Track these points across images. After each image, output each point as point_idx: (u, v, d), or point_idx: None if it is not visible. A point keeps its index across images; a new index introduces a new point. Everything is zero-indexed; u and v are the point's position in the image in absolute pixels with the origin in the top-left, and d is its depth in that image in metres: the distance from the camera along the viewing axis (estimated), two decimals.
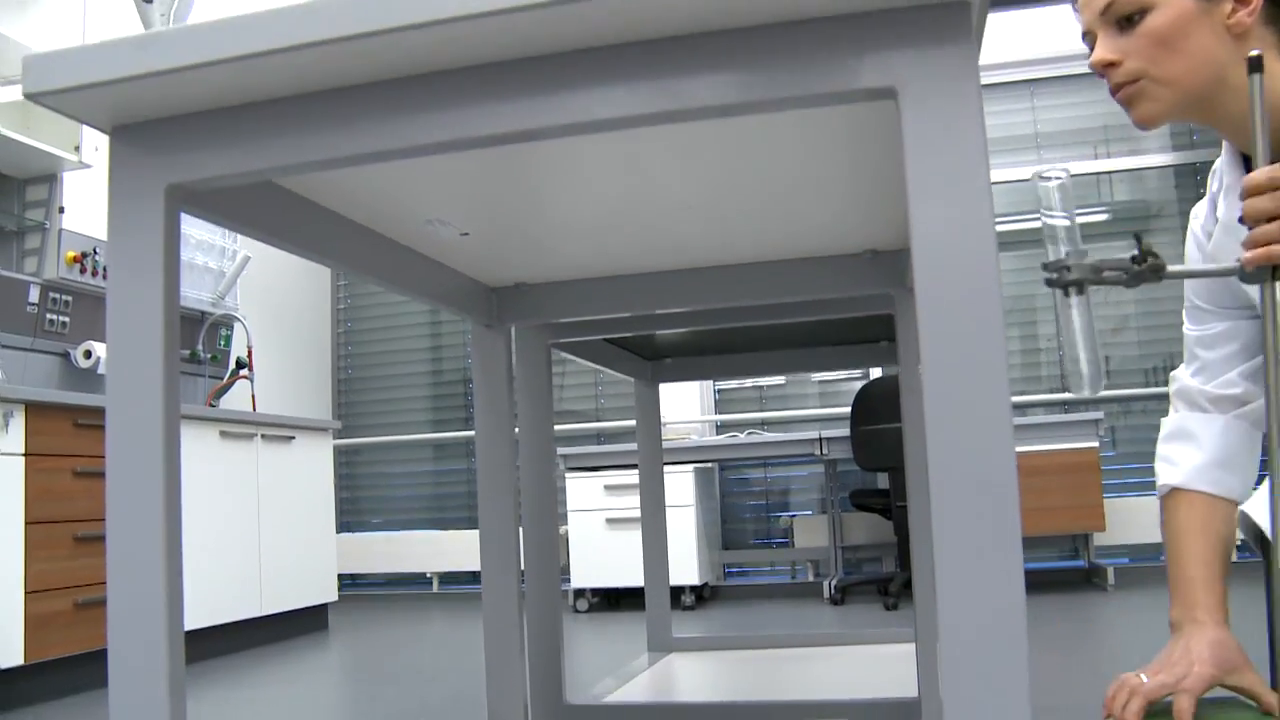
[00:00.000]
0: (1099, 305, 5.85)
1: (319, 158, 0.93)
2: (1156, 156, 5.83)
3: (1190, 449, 1.49)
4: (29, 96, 0.93)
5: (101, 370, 4.60)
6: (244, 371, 5.41)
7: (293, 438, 4.93)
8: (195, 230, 5.25)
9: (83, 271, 4.48)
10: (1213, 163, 1.51)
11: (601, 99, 0.86)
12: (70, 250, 4.43)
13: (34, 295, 4.39)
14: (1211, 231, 1.47)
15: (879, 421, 4.95)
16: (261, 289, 5.98)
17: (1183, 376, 1.54)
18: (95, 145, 4.40)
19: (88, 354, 4.57)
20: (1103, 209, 5.95)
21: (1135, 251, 1.18)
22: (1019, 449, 4.89)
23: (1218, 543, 1.44)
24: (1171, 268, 1.20)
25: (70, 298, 4.55)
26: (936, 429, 0.79)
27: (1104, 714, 1.32)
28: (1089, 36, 1.36)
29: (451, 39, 0.85)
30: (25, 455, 3.46)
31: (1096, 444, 5.09)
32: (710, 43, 0.85)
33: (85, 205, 4.56)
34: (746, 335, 2.52)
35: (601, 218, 1.42)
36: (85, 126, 4.29)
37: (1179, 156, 5.80)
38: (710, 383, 6.34)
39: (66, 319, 4.55)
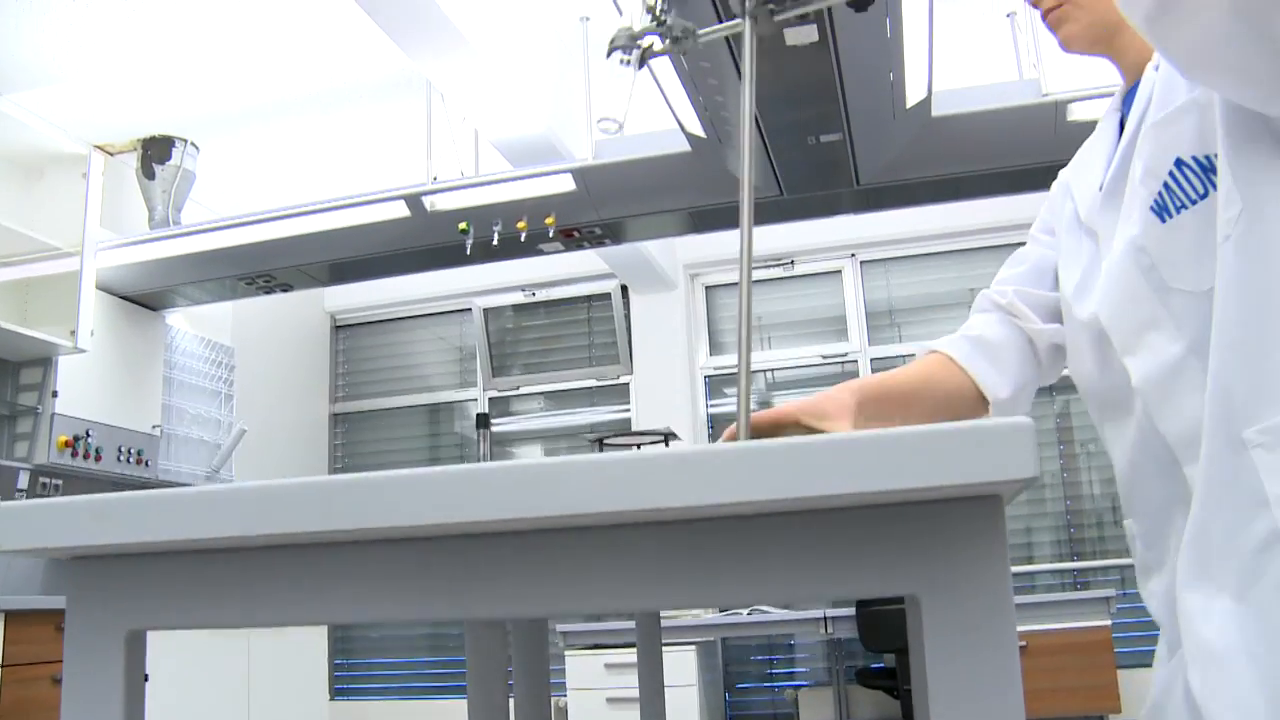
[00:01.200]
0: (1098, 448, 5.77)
1: (295, 617, 0.85)
2: None
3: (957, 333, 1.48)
4: None
5: None
6: None
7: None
8: (190, 404, 5.21)
9: (74, 455, 4.41)
10: None
11: (576, 587, 0.80)
12: (62, 434, 4.37)
13: (23, 481, 4.31)
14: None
15: (884, 602, 4.82)
16: (258, 461, 5.82)
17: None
18: (90, 330, 4.37)
19: None
20: None
21: None
22: (1027, 628, 4.72)
23: (917, 378, 1.40)
24: None
25: (60, 481, 4.47)
26: None
27: None
28: None
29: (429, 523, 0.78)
30: (3, 666, 3.34)
31: (1108, 622, 4.93)
32: (714, 531, 0.79)
33: (79, 388, 4.51)
34: None
35: None
36: (81, 313, 4.28)
37: None
38: None
39: None
